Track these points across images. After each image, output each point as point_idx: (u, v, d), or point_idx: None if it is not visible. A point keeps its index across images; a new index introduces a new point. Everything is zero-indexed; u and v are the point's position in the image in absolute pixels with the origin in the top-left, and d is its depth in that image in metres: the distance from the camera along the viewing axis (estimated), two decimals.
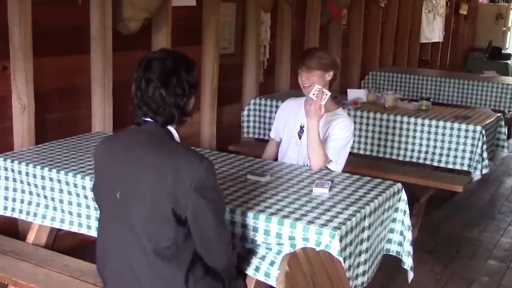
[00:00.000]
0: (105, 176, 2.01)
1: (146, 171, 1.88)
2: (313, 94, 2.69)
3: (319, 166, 2.79)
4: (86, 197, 2.58)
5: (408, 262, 2.54)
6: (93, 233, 2.65)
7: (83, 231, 2.70)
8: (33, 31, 3.12)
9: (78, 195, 2.59)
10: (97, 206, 2.24)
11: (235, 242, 2.12)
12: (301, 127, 2.97)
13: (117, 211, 1.96)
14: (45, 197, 2.73)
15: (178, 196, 1.85)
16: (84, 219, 2.66)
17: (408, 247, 2.53)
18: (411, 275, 2.60)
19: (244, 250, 2.27)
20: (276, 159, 3.12)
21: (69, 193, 2.62)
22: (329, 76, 2.90)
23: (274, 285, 2.17)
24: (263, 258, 2.21)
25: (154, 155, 1.89)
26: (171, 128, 1.99)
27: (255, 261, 2.22)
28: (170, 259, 1.90)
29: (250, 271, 2.23)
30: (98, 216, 2.16)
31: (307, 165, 2.86)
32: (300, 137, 2.98)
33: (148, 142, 1.93)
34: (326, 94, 2.69)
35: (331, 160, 2.83)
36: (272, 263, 2.17)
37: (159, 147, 1.91)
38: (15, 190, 2.83)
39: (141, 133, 1.97)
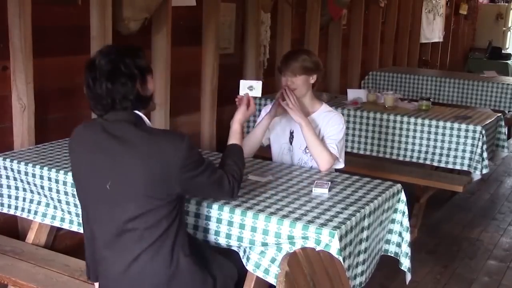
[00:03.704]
0: (89, 168, 1.99)
1: (133, 159, 1.91)
2: (250, 90, 2.51)
3: (329, 164, 2.77)
4: None
5: (405, 263, 2.53)
6: None
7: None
8: (33, 31, 3.11)
9: (74, 196, 2.58)
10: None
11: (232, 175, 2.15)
12: (291, 133, 2.97)
13: (104, 203, 1.97)
14: (45, 196, 2.73)
15: (168, 178, 1.92)
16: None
17: (406, 249, 2.52)
18: (408, 277, 2.59)
19: (243, 248, 2.28)
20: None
21: (66, 193, 2.61)
22: (312, 79, 2.90)
23: (272, 282, 2.17)
24: (263, 254, 2.21)
25: (135, 142, 1.92)
26: (140, 114, 2.01)
27: (254, 257, 2.22)
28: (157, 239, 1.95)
29: (250, 267, 2.23)
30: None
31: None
32: (291, 143, 2.98)
33: (123, 130, 1.95)
34: (258, 83, 2.54)
35: (337, 157, 2.83)
36: (273, 260, 2.17)
37: (136, 134, 1.94)
38: (15, 188, 2.84)
39: (115, 123, 1.97)
